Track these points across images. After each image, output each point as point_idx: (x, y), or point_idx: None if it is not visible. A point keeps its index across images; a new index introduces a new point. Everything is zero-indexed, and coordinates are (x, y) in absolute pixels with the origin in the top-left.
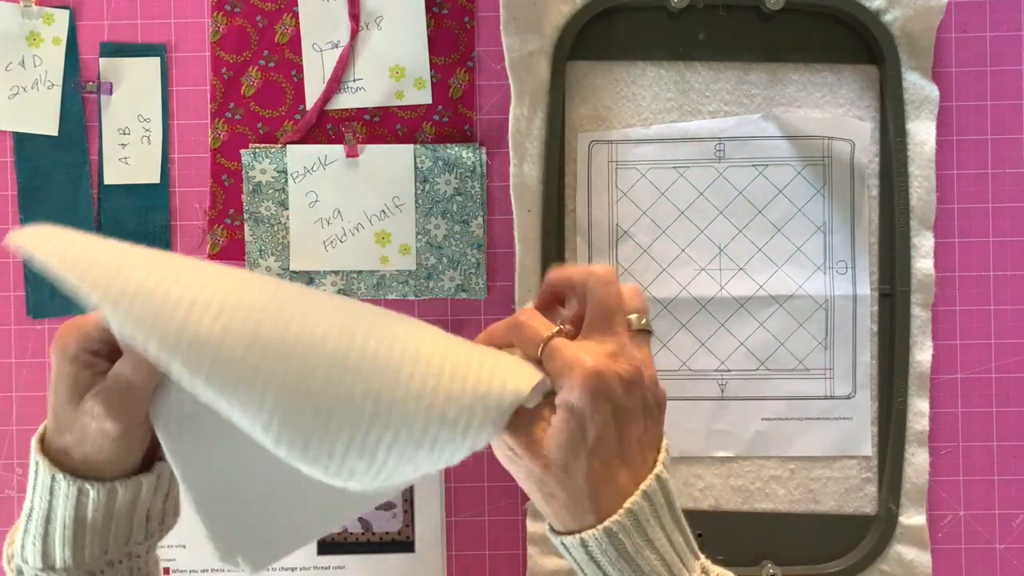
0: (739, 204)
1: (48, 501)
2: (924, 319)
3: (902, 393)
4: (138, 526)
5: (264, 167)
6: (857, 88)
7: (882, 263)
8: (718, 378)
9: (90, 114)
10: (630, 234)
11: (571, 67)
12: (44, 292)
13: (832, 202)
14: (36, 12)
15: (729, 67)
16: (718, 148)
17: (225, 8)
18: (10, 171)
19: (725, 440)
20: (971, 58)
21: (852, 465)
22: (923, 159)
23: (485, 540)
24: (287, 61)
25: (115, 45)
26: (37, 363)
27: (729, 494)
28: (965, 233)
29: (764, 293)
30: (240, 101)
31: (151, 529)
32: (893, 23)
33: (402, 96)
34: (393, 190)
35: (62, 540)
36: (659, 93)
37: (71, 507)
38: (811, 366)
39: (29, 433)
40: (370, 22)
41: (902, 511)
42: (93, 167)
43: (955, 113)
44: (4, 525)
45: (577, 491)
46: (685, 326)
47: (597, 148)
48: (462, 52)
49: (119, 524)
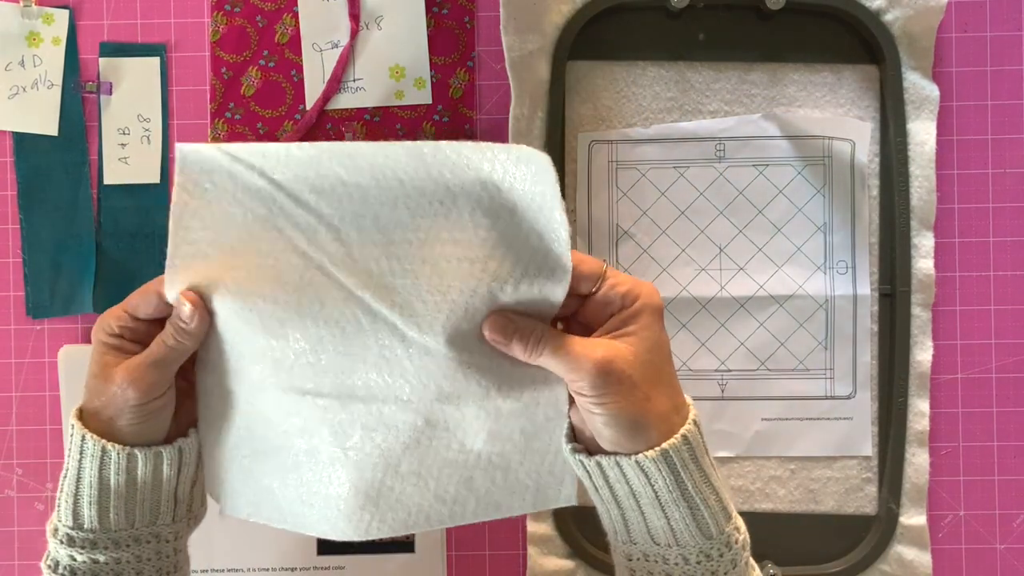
0: (739, 204)
1: (78, 460)
2: (924, 319)
3: (902, 393)
4: (165, 506)
5: None
6: (857, 88)
7: (882, 263)
8: (718, 378)
9: (90, 114)
10: (630, 234)
11: (571, 67)
12: (44, 292)
13: (832, 202)
14: (36, 12)
15: (729, 67)
16: (718, 148)
17: (225, 8)
18: (10, 171)
19: (725, 440)
20: (971, 58)
21: (852, 465)
22: (923, 159)
23: (485, 540)
24: (287, 61)
25: (115, 45)
26: (37, 363)
27: (729, 494)
28: (965, 233)
29: (764, 293)
30: (240, 101)
31: (178, 513)
32: (893, 23)
33: (402, 96)
34: None
35: (88, 500)
36: (659, 93)
37: (95, 466)
38: (811, 366)
39: (29, 433)
40: (370, 22)
41: (902, 511)
42: (93, 167)
43: (955, 113)
44: (5, 525)
45: (665, 396)
46: (685, 326)
47: (597, 148)
48: (462, 52)
49: (144, 496)
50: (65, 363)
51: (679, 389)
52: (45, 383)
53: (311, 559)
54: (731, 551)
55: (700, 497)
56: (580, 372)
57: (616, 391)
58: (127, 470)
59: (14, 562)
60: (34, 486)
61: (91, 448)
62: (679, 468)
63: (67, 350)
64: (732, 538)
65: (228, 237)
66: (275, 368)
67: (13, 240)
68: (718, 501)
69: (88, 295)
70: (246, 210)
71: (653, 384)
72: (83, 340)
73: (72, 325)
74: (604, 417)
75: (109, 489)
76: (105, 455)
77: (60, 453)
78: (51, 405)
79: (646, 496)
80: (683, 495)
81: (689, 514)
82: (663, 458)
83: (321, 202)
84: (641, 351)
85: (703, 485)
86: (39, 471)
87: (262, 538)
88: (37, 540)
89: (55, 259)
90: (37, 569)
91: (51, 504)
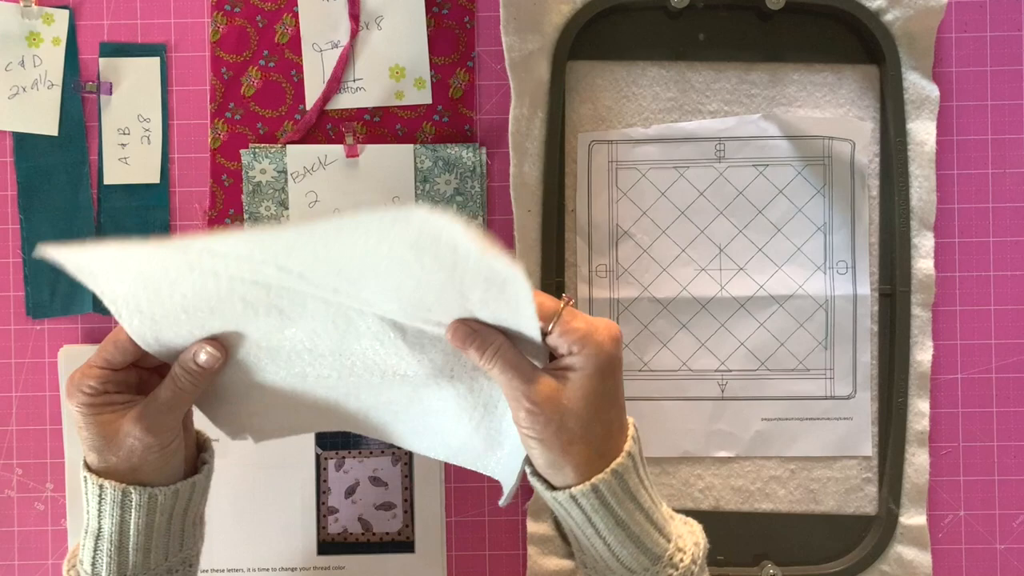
0: (739, 204)
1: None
2: (924, 319)
3: (902, 393)
4: (189, 531)
5: (264, 167)
6: (857, 88)
7: (882, 263)
8: (718, 378)
9: (90, 114)
10: (630, 234)
11: (571, 67)
12: (44, 292)
13: (832, 202)
14: (36, 12)
15: (729, 67)
16: (718, 148)
17: (225, 8)
18: (10, 171)
19: (725, 440)
20: (971, 58)
21: (852, 465)
22: (923, 159)
23: (485, 540)
24: (287, 61)
25: (115, 45)
26: (37, 363)
27: (729, 494)
28: (965, 233)
29: (764, 293)
30: (240, 101)
31: (199, 531)
32: (893, 23)
33: (402, 96)
34: (393, 190)
35: (135, 546)
36: (659, 93)
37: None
38: (811, 366)
39: (29, 433)
40: (370, 22)
41: (902, 511)
42: (93, 167)
43: (955, 113)
44: (5, 525)
45: (596, 438)
46: (685, 326)
47: (597, 148)
48: (462, 52)
49: (174, 528)
50: (65, 363)
51: (619, 426)
52: (45, 383)
53: (311, 559)
54: (678, 571)
55: (637, 527)
56: (514, 402)
57: (542, 431)
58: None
59: (14, 562)
60: (34, 486)
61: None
62: (610, 500)
63: (67, 350)
64: (676, 559)
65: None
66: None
67: (13, 240)
68: (654, 527)
69: (88, 295)
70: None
71: (582, 429)
72: (83, 340)
73: (72, 325)
74: (530, 448)
75: (152, 530)
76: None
77: (60, 453)
78: (51, 405)
79: (588, 527)
80: (618, 524)
81: (628, 542)
82: (593, 492)
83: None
84: (576, 399)
85: (637, 514)
86: (39, 471)
87: (262, 538)
88: (37, 540)
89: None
90: (37, 569)
91: (51, 504)
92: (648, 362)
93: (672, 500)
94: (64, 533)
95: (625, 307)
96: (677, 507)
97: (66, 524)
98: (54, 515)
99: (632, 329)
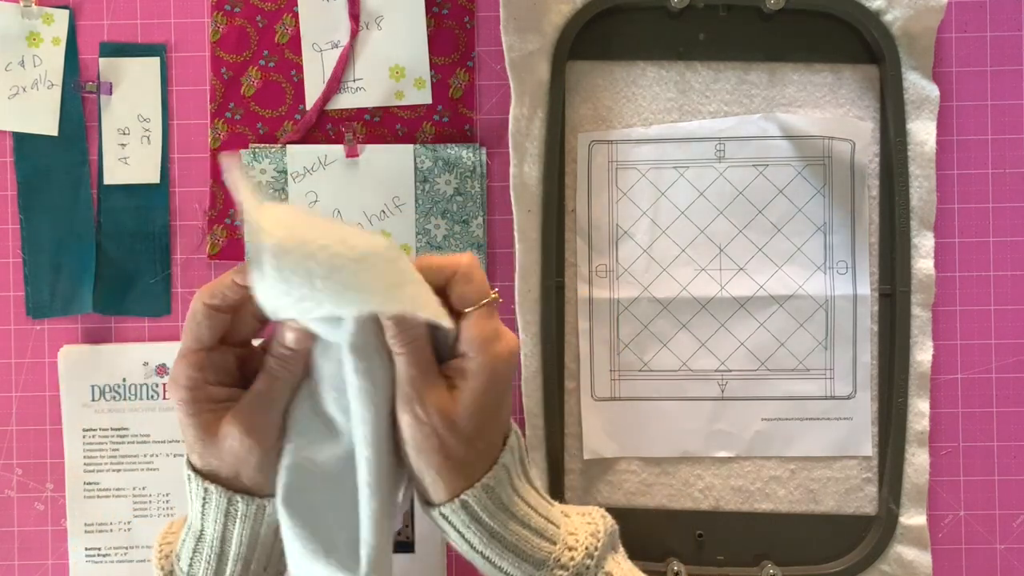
0: (739, 204)
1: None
2: (924, 319)
3: (902, 393)
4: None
5: (264, 167)
6: (857, 88)
7: (882, 263)
8: (718, 378)
9: (90, 114)
10: (630, 234)
11: (571, 67)
12: (44, 292)
13: (832, 202)
14: (36, 12)
15: (729, 67)
16: (718, 148)
17: (225, 8)
18: (10, 171)
19: (725, 440)
20: (971, 58)
21: (852, 465)
22: (923, 159)
23: None
24: (287, 61)
25: (115, 45)
26: (37, 363)
27: (729, 494)
28: (965, 233)
29: (764, 293)
30: (240, 101)
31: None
32: (893, 23)
33: (402, 96)
34: (393, 190)
35: (235, 557)
36: (659, 93)
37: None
38: (811, 366)
39: (29, 433)
40: (370, 22)
41: (902, 511)
42: (93, 167)
43: (955, 113)
44: (5, 525)
45: (475, 454)
46: (685, 326)
47: (597, 148)
48: (462, 52)
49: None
50: (65, 363)
51: (501, 439)
52: (45, 383)
53: None
54: (568, 571)
55: (514, 536)
56: (404, 403)
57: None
58: (268, 522)
59: (14, 562)
60: (34, 486)
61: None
62: (481, 515)
63: (67, 350)
64: (565, 558)
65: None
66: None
67: (13, 240)
68: (534, 533)
69: (88, 295)
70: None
71: (463, 448)
72: (83, 340)
73: (72, 325)
74: (407, 456)
75: (256, 541)
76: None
77: (60, 453)
78: (51, 405)
79: (463, 543)
80: (493, 537)
81: (507, 552)
82: (463, 508)
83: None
84: (464, 417)
85: (511, 523)
86: (39, 471)
87: None
88: (37, 540)
89: (55, 259)
90: (37, 569)
91: (51, 504)
92: (648, 362)
93: (672, 500)
94: (64, 533)
95: (625, 307)
96: (677, 507)
97: (66, 524)
98: (54, 515)
99: (632, 329)
